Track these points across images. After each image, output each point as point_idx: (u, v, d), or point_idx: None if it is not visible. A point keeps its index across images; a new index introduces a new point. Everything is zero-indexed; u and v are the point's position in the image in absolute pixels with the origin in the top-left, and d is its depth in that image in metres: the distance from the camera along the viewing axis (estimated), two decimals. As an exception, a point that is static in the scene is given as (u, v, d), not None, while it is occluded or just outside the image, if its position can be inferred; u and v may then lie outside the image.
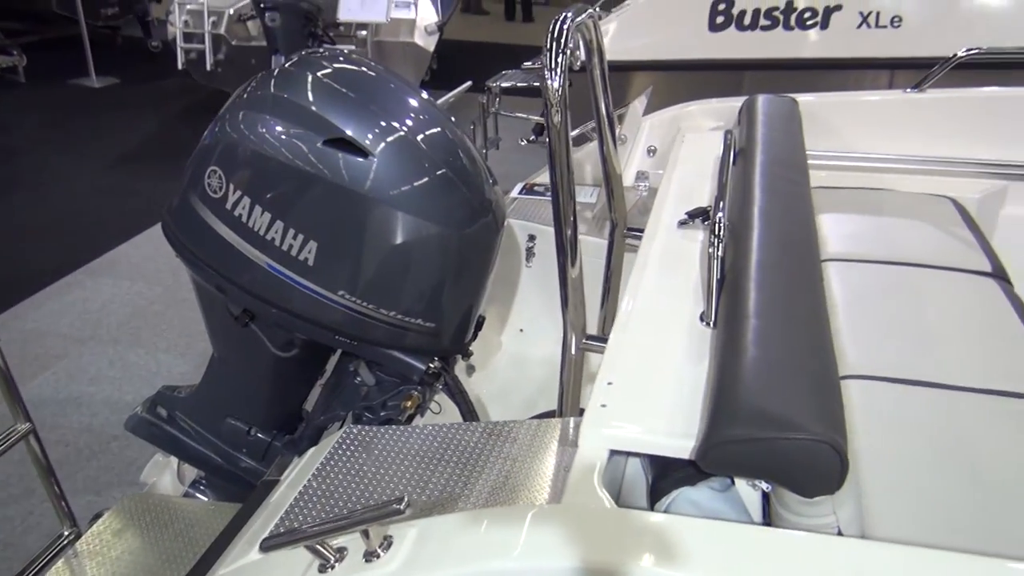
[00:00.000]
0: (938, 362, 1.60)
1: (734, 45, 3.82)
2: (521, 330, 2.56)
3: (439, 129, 1.74)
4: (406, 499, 0.92)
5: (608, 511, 1.00)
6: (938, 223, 2.24)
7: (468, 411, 1.91)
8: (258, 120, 1.65)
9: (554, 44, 1.49)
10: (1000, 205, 2.54)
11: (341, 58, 1.80)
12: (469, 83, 2.51)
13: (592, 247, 2.36)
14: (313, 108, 1.67)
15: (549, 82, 1.47)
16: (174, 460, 2.27)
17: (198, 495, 2.19)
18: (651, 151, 2.71)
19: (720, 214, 1.46)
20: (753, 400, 0.99)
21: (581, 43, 1.86)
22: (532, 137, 4.94)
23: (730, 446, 0.96)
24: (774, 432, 0.94)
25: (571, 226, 1.57)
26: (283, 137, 1.66)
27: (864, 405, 1.48)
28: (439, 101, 2.37)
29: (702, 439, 0.98)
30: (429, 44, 6.60)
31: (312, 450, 1.50)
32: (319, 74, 1.72)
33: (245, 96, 1.71)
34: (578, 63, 2.84)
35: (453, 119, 1.83)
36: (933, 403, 1.46)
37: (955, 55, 2.56)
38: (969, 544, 1.12)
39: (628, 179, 2.77)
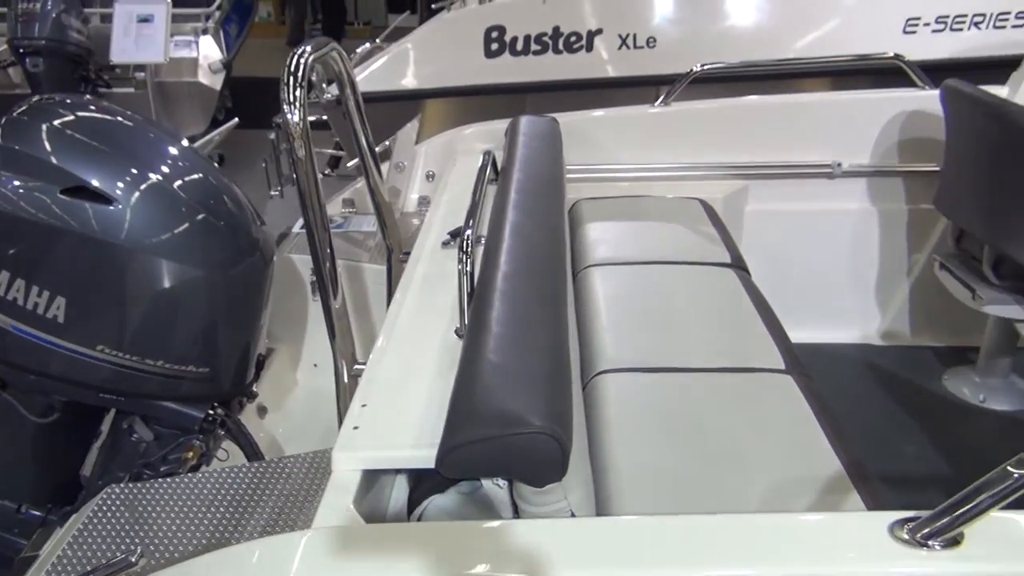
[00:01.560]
0: (680, 348, 1.77)
1: (510, 70, 4.01)
2: (315, 365, 2.54)
3: (199, 174, 1.72)
4: (139, 551, 0.90)
5: (354, 529, 1.03)
6: (688, 223, 2.46)
7: (253, 453, 1.87)
8: (-16, 175, 1.55)
9: (291, 79, 1.51)
10: (744, 202, 2.84)
11: (82, 105, 1.74)
12: (236, 121, 2.48)
13: (373, 274, 2.39)
14: (49, 158, 1.59)
15: (289, 116, 1.49)
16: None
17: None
18: (429, 176, 2.79)
19: (469, 232, 1.54)
20: (484, 403, 1.06)
21: (345, 77, 1.88)
22: (327, 171, 4.90)
23: (463, 449, 1.02)
24: (500, 430, 1.01)
25: (328, 258, 1.59)
26: (19, 190, 1.58)
27: (617, 395, 1.61)
28: (202, 142, 2.32)
29: (439, 446, 1.04)
30: (216, 82, 6.38)
31: (72, 518, 1.43)
32: (55, 122, 1.65)
33: None
34: (325, 96, 2.87)
35: (216, 163, 1.81)
36: (673, 386, 1.62)
37: (691, 71, 2.84)
38: (694, 506, 1.25)
39: (411, 205, 2.84)
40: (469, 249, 1.50)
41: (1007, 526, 0.92)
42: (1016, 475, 0.85)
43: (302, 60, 1.55)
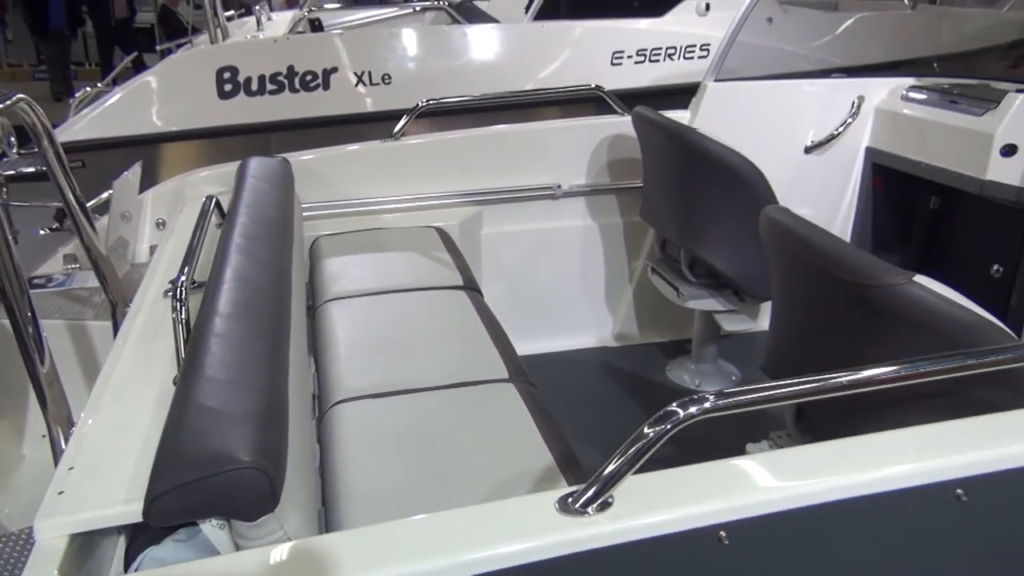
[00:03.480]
0: (414, 371, 1.86)
1: (246, 111, 3.97)
2: (43, 436, 2.35)
3: None
4: None
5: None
6: (425, 251, 2.59)
7: None
8: None
9: None
10: (480, 227, 3.02)
11: None
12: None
13: (99, 331, 2.27)
14: None
15: (-33, 175, 1.41)
16: None
17: None
18: (159, 224, 2.70)
19: (183, 279, 1.54)
20: (189, 446, 1.08)
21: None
22: (54, 225, 4.52)
23: (169, 495, 1.03)
24: (204, 471, 1.03)
25: (31, 322, 1.51)
26: None
27: (352, 422, 1.67)
28: None
29: (145, 496, 1.04)
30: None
31: None
32: None
33: None
34: (13, 151, 2.70)
35: None
36: (406, 407, 1.71)
37: (417, 105, 2.99)
38: (420, 514, 1.34)
39: (142, 255, 2.72)
40: (185, 297, 1.50)
41: (646, 483, 1.09)
42: (650, 433, 1.02)
43: None
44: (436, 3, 5.29)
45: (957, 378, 1.25)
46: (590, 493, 1.03)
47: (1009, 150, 2.74)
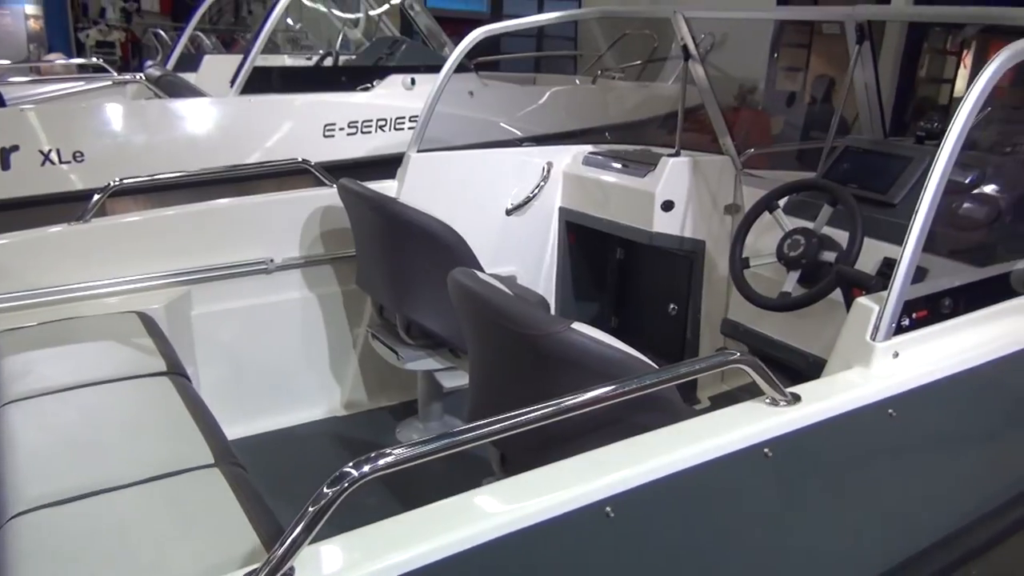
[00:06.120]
0: (108, 468, 1.74)
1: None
2: None
3: None
4: None
5: None
6: (124, 338, 2.43)
7: None
8: None
9: None
10: (189, 307, 2.90)
11: None
12: None
13: None
14: None
15: None
16: None
17: None
18: None
19: None
20: None
21: None
22: None
23: None
24: None
25: None
26: None
27: (33, 537, 1.52)
28: None
29: None
30: None
31: None
32: None
33: None
34: None
35: None
36: (98, 509, 1.59)
37: (109, 184, 2.83)
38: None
39: None
40: None
41: (331, 547, 1.12)
42: (328, 493, 1.06)
43: None
44: (134, 76, 5.05)
45: (614, 405, 1.44)
46: (271, 567, 1.04)
47: (668, 205, 3.20)
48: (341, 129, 4.41)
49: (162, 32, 7.36)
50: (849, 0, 2.87)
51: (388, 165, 3.42)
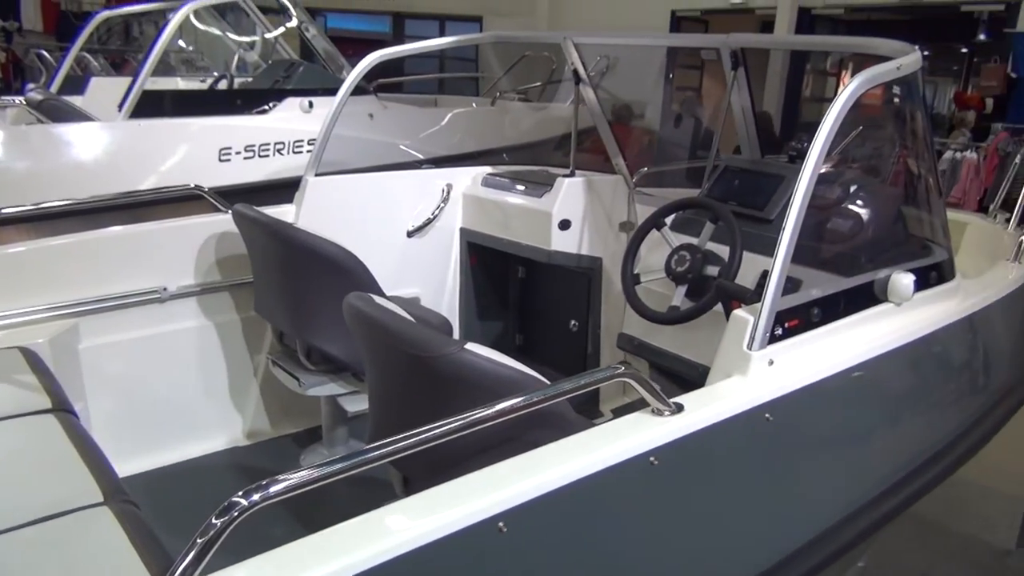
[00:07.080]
0: (-14, 513, 1.67)
1: None
2: None
3: None
4: None
5: None
6: (4, 375, 2.33)
7: None
8: None
9: None
10: (77, 341, 2.79)
11: None
12: None
13: None
14: None
15: None
16: None
17: None
18: None
19: None
20: None
21: None
22: None
23: None
24: None
25: None
26: None
27: None
28: None
29: None
30: None
31: None
32: None
33: None
34: None
35: None
36: None
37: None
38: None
39: None
40: None
41: None
42: (217, 524, 1.06)
43: None
44: (14, 100, 4.82)
45: (508, 423, 1.48)
46: None
47: (564, 224, 3.29)
48: (238, 153, 4.34)
49: (45, 53, 7.07)
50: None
51: (287, 189, 3.40)
